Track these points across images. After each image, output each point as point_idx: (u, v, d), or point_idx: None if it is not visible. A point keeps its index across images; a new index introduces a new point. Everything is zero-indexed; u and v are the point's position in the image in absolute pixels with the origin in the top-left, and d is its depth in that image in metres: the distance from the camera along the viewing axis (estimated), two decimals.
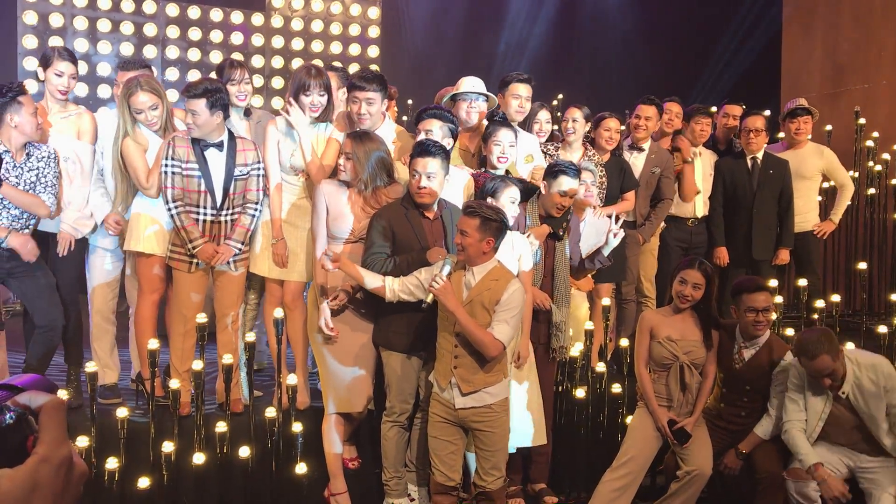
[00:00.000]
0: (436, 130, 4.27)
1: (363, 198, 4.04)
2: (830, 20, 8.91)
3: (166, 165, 4.19)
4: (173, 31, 8.14)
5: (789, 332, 5.03)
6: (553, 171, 4.40)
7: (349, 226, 4.04)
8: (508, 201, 4.04)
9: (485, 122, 4.87)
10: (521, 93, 4.95)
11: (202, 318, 4.18)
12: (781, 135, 6.47)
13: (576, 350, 4.59)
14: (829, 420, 4.14)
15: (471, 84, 4.91)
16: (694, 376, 4.30)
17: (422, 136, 4.21)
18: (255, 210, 4.34)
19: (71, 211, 4.44)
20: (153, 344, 4.05)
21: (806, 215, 6.07)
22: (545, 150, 5.19)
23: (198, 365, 4.05)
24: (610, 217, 4.57)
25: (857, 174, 7.01)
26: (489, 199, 4.01)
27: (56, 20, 7.74)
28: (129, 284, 4.81)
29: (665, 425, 4.25)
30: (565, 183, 4.34)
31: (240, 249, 4.33)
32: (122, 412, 3.92)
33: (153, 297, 4.45)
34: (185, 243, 4.22)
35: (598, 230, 4.70)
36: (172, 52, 8.15)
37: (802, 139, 6.11)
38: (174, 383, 4.07)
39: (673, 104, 5.91)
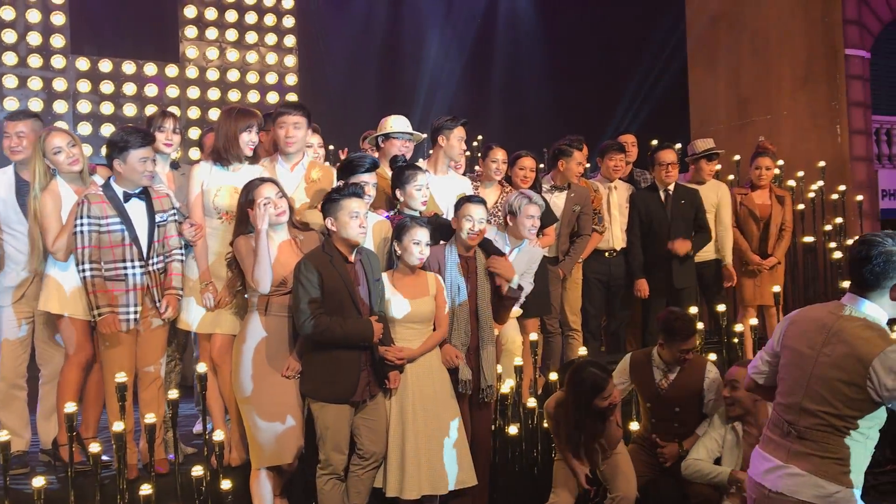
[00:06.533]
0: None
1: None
2: (732, 54, 9.35)
3: (81, 225, 4.07)
4: (84, 86, 7.99)
5: (712, 357, 5.16)
6: (458, 202, 4.38)
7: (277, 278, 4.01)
8: (411, 242, 4.08)
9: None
10: (463, 135, 5.18)
11: (122, 377, 4.04)
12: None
13: (506, 387, 4.60)
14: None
15: (402, 124, 5.14)
16: (600, 453, 4.33)
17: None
18: (181, 254, 4.31)
19: None
20: (70, 407, 3.90)
21: (708, 245, 6.23)
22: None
23: (119, 426, 3.91)
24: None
25: None
26: (394, 242, 4.14)
27: None
28: (41, 347, 4.61)
29: (583, 480, 4.30)
30: (474, 211, 4.29)
31: (181, 295, 4.28)
32: (38, 481, 3.74)
33: (79, 358, 4.28)
34: (92, 308, 4.07)
35: (531, 258, 4.79)
36: (84, 107, 7.99)
37: (710, 178, 6.31)
38: (94, 447, 3.92)
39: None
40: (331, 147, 7.91)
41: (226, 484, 3.97)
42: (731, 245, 6.18)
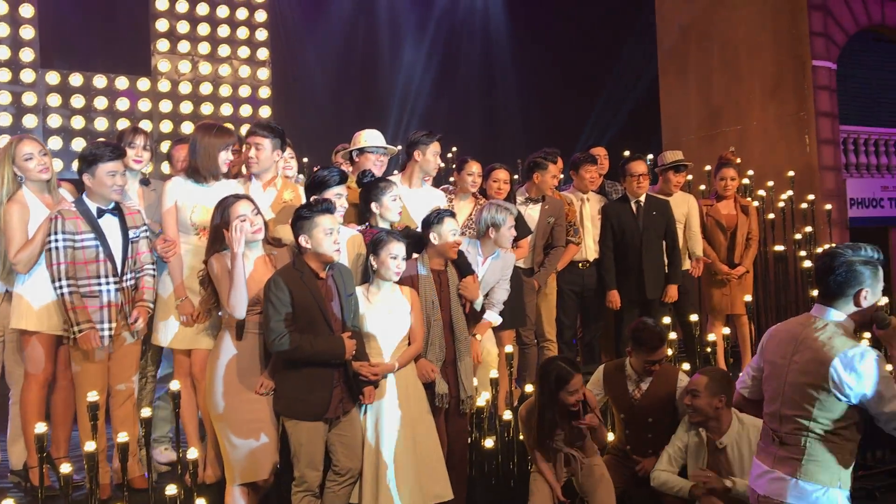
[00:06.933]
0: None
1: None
2: (702, 66, 9.46)
3: (56, 241, 4.03)
4: (54, 100, 7.92)
5: (685, 366, 5.21)
6: (437, 217, 4.40)
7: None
8: (388, 257, 4.08)
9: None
10: (438, 149, 5.24)
11: (94, 395, 4.00)
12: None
13: (482, 399, 4.61)
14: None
15: (376, 138, 5.19)
16: (578, 461, 4.36)
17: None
18: (153, 269, 4.31)
19: None
20: (40, 428, 3.85)
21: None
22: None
23: (90, 446, 3.86)
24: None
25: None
26: (371, 257, 4.13)
27: None
28: (11, 366, 4.54)
29: (559, 492, 4.33)
30: (454, 224, 4.37)
31: (151, 308, 4.25)
32: (7, 503, 3.69)
33: (40, 377, 4.23)
34: (72, 325, 4.04)
35: (504, 264, 4.84)
36: (55, 121, 7.91)
37: (677, 190, 6.38)
38: (65, 467, 3.87)
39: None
40: (305, 160, 7.91)
41: (200, 502, 3.93)
42: (700, 245, 6.25)
